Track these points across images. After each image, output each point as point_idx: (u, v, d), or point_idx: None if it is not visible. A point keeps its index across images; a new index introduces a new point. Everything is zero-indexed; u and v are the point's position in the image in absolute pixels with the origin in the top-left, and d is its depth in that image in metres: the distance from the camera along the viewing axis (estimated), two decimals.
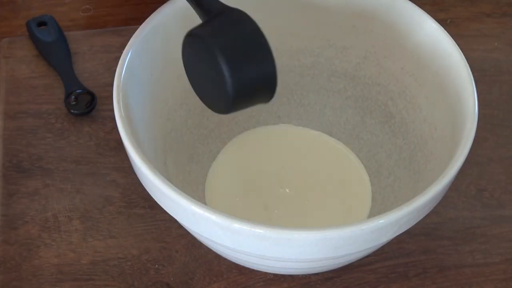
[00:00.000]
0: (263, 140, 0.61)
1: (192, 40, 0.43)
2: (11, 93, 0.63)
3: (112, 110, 0.47)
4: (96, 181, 0.58)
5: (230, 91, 0.41)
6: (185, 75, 0.48)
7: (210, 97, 0.45)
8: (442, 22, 0.53)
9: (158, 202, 0.45)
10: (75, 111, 0.61)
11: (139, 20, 0.51)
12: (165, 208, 0.45)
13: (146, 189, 0.46)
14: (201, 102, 0.58)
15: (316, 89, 0.60)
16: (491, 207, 0.58)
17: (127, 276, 0.52)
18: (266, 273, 0.53)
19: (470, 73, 0.49)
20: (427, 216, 0.46)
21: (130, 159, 0.45)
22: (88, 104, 0.62)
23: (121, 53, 0.49)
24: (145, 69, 0.51)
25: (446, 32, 0.51)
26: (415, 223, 0.44)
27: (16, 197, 0.56)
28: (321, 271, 0.52)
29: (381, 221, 0.41)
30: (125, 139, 0.45)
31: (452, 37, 0.51)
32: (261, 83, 0.43)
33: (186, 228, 0.48)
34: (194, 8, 0.45)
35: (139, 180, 0.46)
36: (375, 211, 0.56)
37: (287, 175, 0.58)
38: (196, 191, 0.56)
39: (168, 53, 0.52)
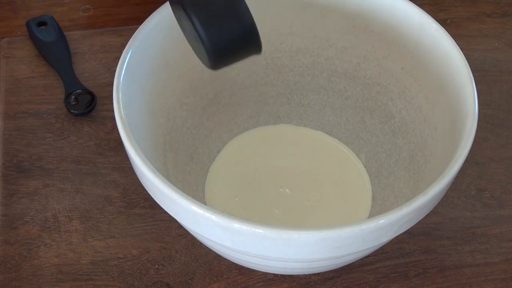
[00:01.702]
0: (263, 140, 0.61)
1: (172, 1, 0.44)
2: (11, 93, 0.63)
3: (112, 110, 0.47)
4: (96, 181, 0.58)
5: (210, 51, 0.43)
6: (185, 75, 0.48)
7: (200, 54, 0.46)
8: (442, 22, 0.53)
9: (158, 202, 0.45)
10: (75, 111, 0.61)
11: (139, 20, 0.51)
12: (165, 208, 0.45)
13: (146, 189, 0.46)
14: (201, 102, 0.58)
15: (316, 89, 0.60)
16: (491, 207, 0.58)
17: (127, 276, 0.52)
18: (266, 273, 0.53)
19: (470, 73, 0.49)
20: (427, 216, 0.46)
21: (130, 159, 0.45)
22: (88, 104, 0.62)
23: (121, 53, 0.49)
24: (145, 69, 0.51)
25: (446, 32, 0.51)
26: (415, 223, 0.44)
27: (16, 197, 0.56)
28: (321, 271, 0.52)
29: (381, 221, 0.41)
30: (125, 139, 0.45)
31: (452, 37, 0.51)
32: (241, 38, 0.43)
33: (186, 228, 0.48)
34: None
35: (139, 180, 0.46)
36: (375, 211, 0.56)
37: (287, 175, 0.58)
38: (196, 191, 0.56)
39: (168, 53, 0.52)
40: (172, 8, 0.46)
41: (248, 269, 0.53)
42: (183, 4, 0.43)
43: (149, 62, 0.51)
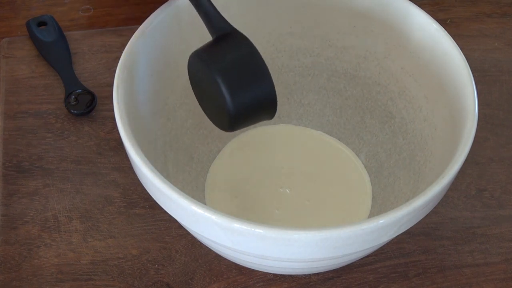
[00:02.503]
0: (263, 140, 0.61)
1: (196, 60, 0.45)
2: (11, 93, 0.63)
3: (112, 110, 0.47)
4: (96, 181, 0.58)
5: (231, 114, 0.44)
6: (185, 75, 0.48)
7: (214, 114, 0.47)
8: (442, 22, 0.53)
9: (158, 202, 0.45)
10: (75, 111, 0.61)
11: (139, 20, 0.51)
12: (165, 208, 0.45)
13: (146, 189, 0.46)
14: None
15: (316, 89, 0.60)
16: (491, 207, 0.58)
17: (127, 276, 0.52)
18: (266, 273, 0.53)
19: (470, 73, 0.49)
20: (427, 216, 0.46)
21: (130, 159, 0.45)
22: (88, 104, 0.62)
23: (121, 53, 0.49)
24: (145, 69, 0.51)
25: (446, 32, 0.51)
26: (415, 223, 0.44)
27: (16, 197, 0.56)
28: (321, 271, 0.52)
29: (381, 221, 0.41)
30: (125, 139, 0.45)
31: (452, 37, 0.51)
32: (261, 105, 0.45)
33: (186, 228, 0.48)
34: (204, 23, 0.47)
35: (139, 180, 0.46)
36: (375, 211, 0.56)
37: (287, 175, 0.58)
38: (196, 191, 0.56)
39: (168, 53, 0.52)
40: (191, 59, 0.46)
41: (248, 269, 0.53)
42: (210, 67, 0.43)
43: (149, 62, 0.51)
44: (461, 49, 0.50)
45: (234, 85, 0.43)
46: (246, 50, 0.44)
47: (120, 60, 0.48)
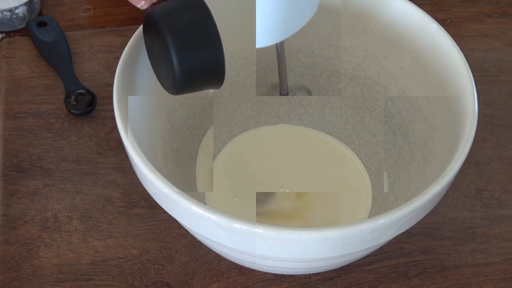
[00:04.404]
0: (263, 140, 0.61)
1: (148, 20, 0.45)
2: (11, 93, 0.63)
3: (112, 110, 0.47)
4: (96, 181, 0.58)
5: (177, 75, 0.43)
6: None
7: (163, 76, 0.46)
8: (442, 22, 0.53)
9: (158, 202, 0.45)
10: (75, 111, 0.61)
11: (139, 20, 0.51)
12: (165, 208, 0.45)
13: (146, 189, 0.46)
14: (201, 102, 0.58)
15: (316, 89, 0.60)
16: (491, 207, 0.58)
17: (127, 276, 0.52)
18: (266, 273, 0.53)
19: (470, 73, 0.49)
20: (427, 216, 0.46)
21: (130, 159, 0.45)
22: (88, 104, 0.62)
23: (121, 53, 0.49)
24: (145, 69, 0.51)
25: (446, 32, 0.51)
26: (415, 223, 0.44)
27: (16, 197, 0.56)
28: (321, 271, 0.52)
29: (381, 221, 0.41)
30: (125, 139, 0.45)
31: (452, 37, 0.51)
32: (209, 69, 0.44)
33: (186, 228, 0.49)
34: None
35: (139, 180, 0.46)
36: (375, 211, 0.56)
37: (287, 175, 0.58)
38: (196, 191, 0.56)
39: None
40: (144, 34, 0.46)
41: (248, 269, 0.53)
42: (161, 26, 0.43)
43: (149, 62, 0.51)
44: (461, 49, 0.50)
45: (182, 45, 0.42)
46: (199, 12, 0.43)
47: (120, 60, 0.48)
